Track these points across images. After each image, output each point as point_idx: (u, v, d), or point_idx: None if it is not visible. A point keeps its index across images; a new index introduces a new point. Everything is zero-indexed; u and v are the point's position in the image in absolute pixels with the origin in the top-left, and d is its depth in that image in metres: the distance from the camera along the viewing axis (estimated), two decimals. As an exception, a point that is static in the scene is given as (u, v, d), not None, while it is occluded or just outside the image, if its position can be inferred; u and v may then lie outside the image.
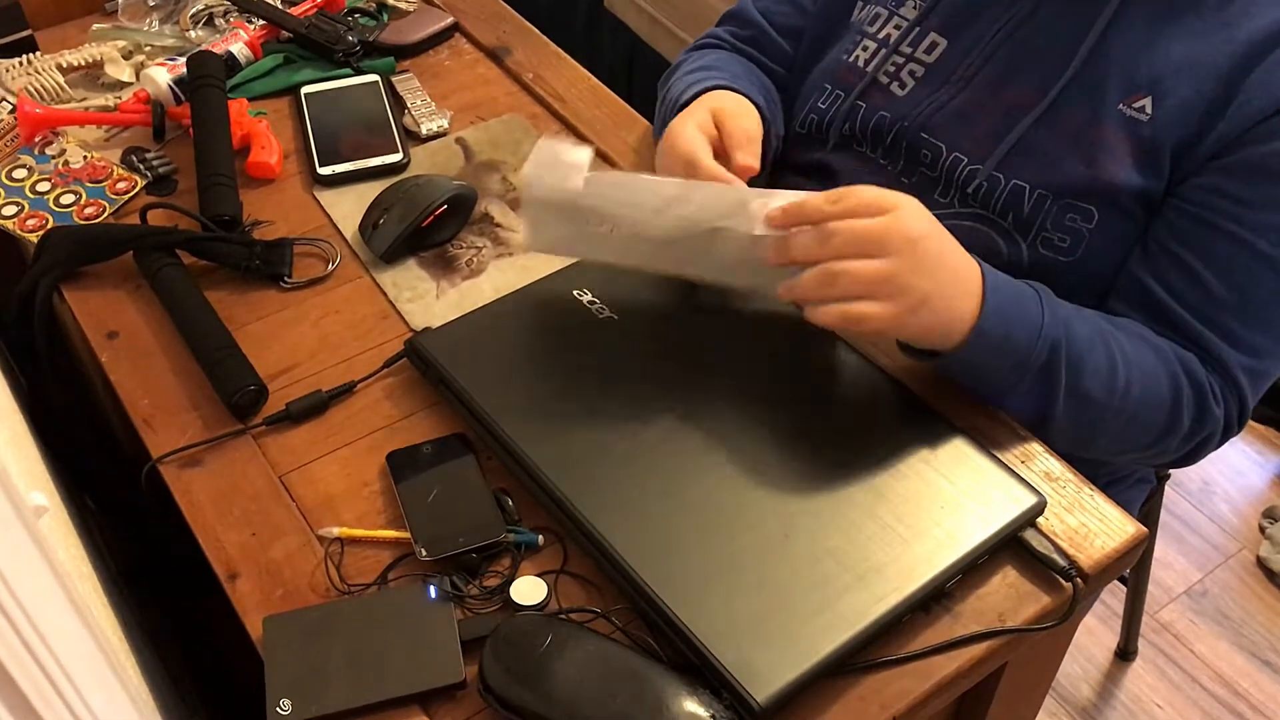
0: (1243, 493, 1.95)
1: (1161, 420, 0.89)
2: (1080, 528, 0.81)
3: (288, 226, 1.07)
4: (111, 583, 1.02)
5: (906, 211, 0.80)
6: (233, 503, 0.84)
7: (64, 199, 1.08)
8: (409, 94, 1.21)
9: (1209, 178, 0.89)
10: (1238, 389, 0.91)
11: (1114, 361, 0.86)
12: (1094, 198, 0.93)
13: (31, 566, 0.52)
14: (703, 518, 0.78)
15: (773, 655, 0.71)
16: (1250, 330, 0.89)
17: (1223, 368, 0.90)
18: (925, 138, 1.01)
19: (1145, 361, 0.88)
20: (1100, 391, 0.85)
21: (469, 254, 1.04)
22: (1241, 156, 0.88)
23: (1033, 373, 0.83)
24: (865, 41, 1.07)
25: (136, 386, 0.93)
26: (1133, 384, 0.86)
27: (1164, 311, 0.90)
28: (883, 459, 0.82)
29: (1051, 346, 0.83)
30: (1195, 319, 0.89)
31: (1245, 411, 0.92)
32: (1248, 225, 0.87)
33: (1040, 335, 0.83)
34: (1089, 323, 0.87)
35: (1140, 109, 0.90)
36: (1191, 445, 0.92)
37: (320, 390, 0.90)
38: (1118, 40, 0.92)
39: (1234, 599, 1.80)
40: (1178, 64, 0.90)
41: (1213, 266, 0.89)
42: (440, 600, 0.76)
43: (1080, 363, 0.84)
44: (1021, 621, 0.76)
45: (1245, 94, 0.87)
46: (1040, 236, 0.95)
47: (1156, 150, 0.90)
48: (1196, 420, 0.90)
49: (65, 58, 1.23)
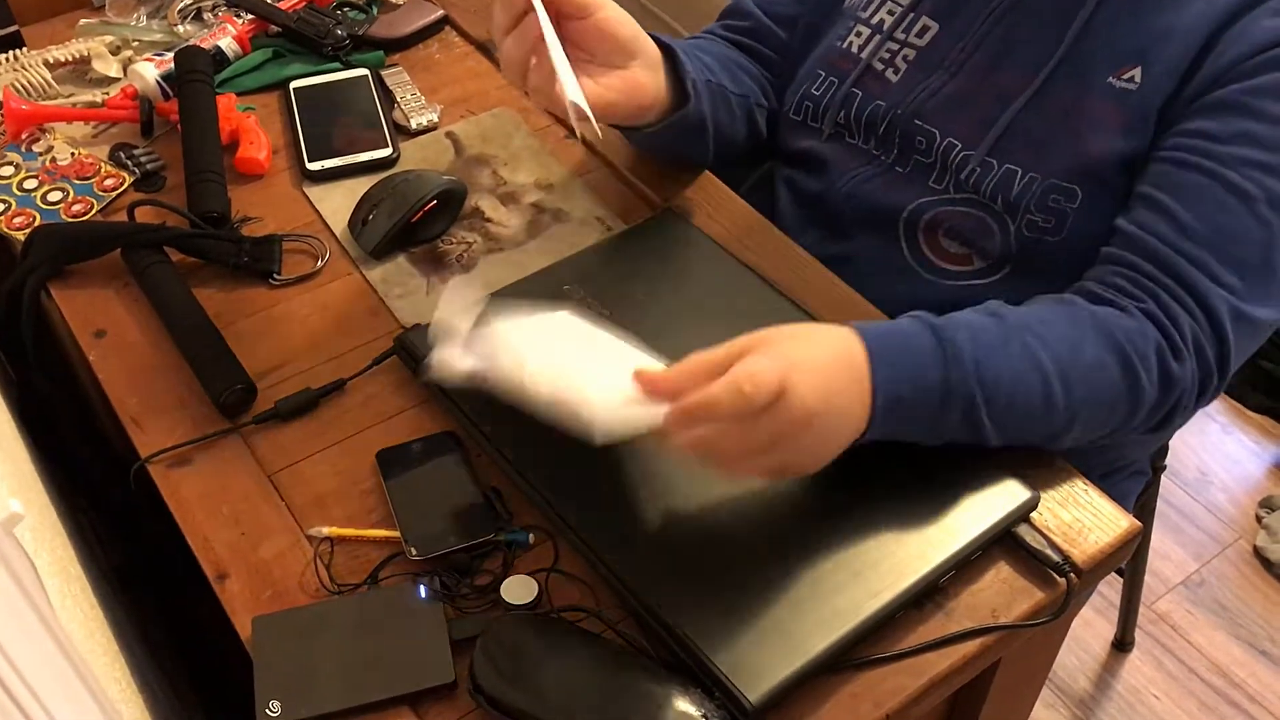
0: (1239, 482, 1.94)
1: (1122, 406, 0.84)
2: (1074, 523, 0.81)
3: (276, 223, 1.06)
4: (104, 582, 1.02)
5: (791, 395, 0.71)
6: (221, 502, 0.83)
7: (51, 196, 1.08)
8: (398, 88, 1.21)
9: (1184, 123, 0.89)
10: (1217, 325, 0.85)
11: (1047, 382, 0.80)
12: (1079, 176, 0.92)
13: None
14: (693, 514, 0.78)
15: (764, 653, 0.70)
16: (1224, 265, 0.86)
17: (1202, 301, 0.85)
18: (919, 124, 1.00)
19: (1075, 346, 0.82)
20: (1039, 413, 0.81)
21: (459, 249, 1.04)
22: (1214, 96, 0.87)
23: (952, 429, 0.79)
24: (859, 27, 1.06)
25: (124, 385, 0.92)
26: (1069, 375, 0.81)
27: (1140, 245, 0.87)
28: (875, 455, 0.81)
29: (964, 408, 0.78)
30: (1174, 252, 0.86)
31: (1227, 352, 0.86)
32: (1217, 158, 0.86)
33: (948, 401, 0.78)
34: (1006, 352, 0.80)
35: (1130, 79, 0.91)
36: (1163, 412, 0.87)
37: (309, 388, 0.90)
38: (1105, 19, 0.93)
39: (1231, 589, 1.80)
40: (1163, 31, 0.90)
41: (1183, 199, 0.87)
42: (430, 600, 0.75)
43: (1005, 401, 0.79)
44: (1015, 617, 0.76)
45: (1221, 45, 0.87)
46: (1025, 219, 0.95)
47: (1145, 114, 0.90)
48: (1162, 384, 0.84)
49: (52, 53, 1.22)
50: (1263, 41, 0.86)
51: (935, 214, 1.00)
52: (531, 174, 1.11)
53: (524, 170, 1.12)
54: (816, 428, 0.73)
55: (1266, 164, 0.86)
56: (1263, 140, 0.86)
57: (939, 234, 1.00)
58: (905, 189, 1.02)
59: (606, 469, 0.80)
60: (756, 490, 0.79)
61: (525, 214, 1.07)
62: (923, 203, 1.00)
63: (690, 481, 0.80)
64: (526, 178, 1.11)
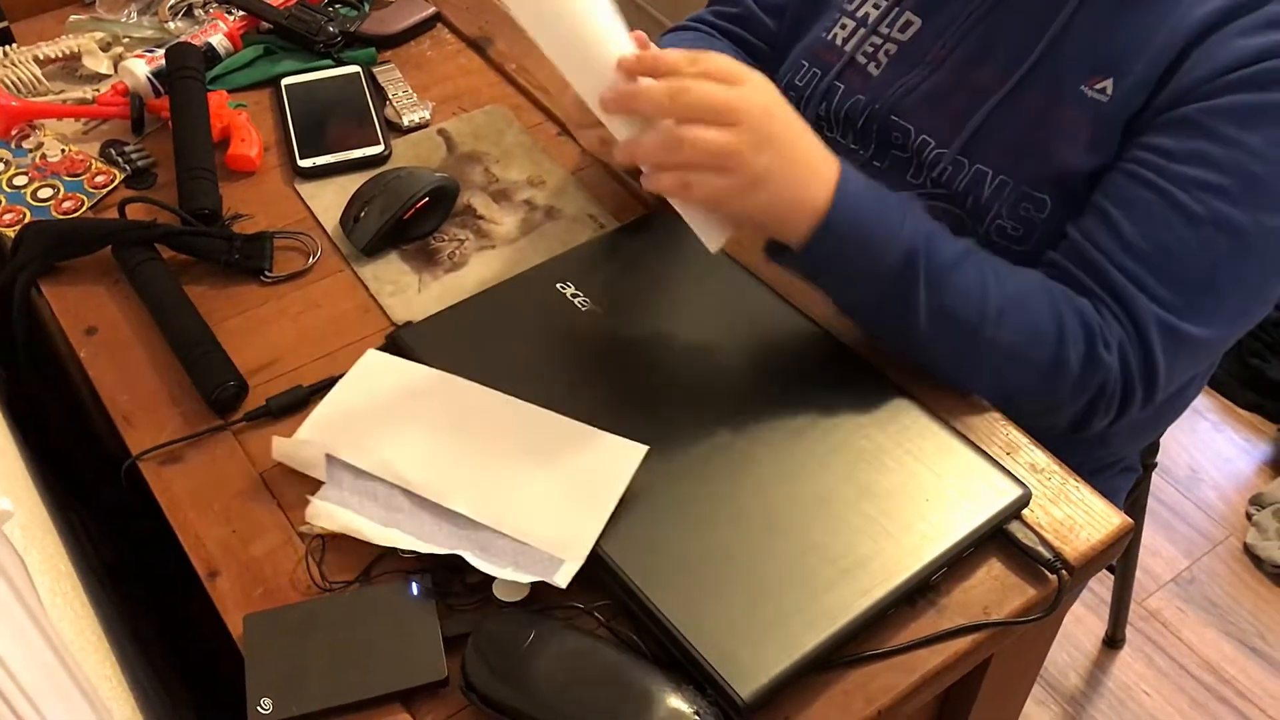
0: (1230, 480, 1.95)
1: (1045, 358, 0.85)
2: (1066, 519, 0.81)
3: (268, 220, 1.06)
4: (94, 579, 1.02)
5: (759, 85, 0.79)
6: (213, 499, 0.83)
7: (41, 193, 1.07)
8: (390, 85, 1.20)
9: (1145, 135, 0.89)
10: (1144, 339, 0.87)
11: (984, 286, 0.84)
12: (1049, 185, 0.92)
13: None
14: (686, 511, 0.78)
15: (757, 650, 0.70)
16: (1161, 282, 0.87)
17: (1132, 315, 0.87)
18: (895, 120, 1.01)
19: (1024, 294, 0.86)
20: (968, 313, 0.83)
21: (451, 247, 1.03)
22: (1176, 113, 0.88)
23: (888, 279, 0.82)
24: (844, 19, 1.07)
25: (116, 382, 0.92)
26: (1007, 313, 0.84)
27: (1079, 253, 0.89)
28: (867, 452, 0.82)
29: (907, 253, 0.81)
30: (1109, 261, 0.87)
31: (1154, 367, 0.87)
32: (1168, 176, 0.87)
33: (896, 240, 0.81)
34: (959, 245, 0.85)
35: (1101, 90, 0.91)
36: (1085, 398, 0.88)
37: (301, 385, 0.90)
38: (1083, 23, 0.93)
39: (1221, 586, 1.80)
40: (1137, 44, 0.90)
41: (1130, 214, 0.88)
42: (422, 597, 0.75)
43: (943, 278, 0.82)
44: (1007, 614, 0.76)
45: (1190, 63, 0.87)
46: (995, 224, 0.95)
47: (1111, 128, 0.90)
48: (1086, 364, 0.86)
49: (42, 50, 1.21)
50: (1227, 62, 0.86)
51: None
52: (524, 171, 1.11)
53: (516, 167, 1.12)
54: (776, 127, 0.78)
55: (1217, 185, 0.86)
56: (1215, 162, 0.86)
57: None
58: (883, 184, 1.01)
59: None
60: (746, 485, 0.79)
61: (518, 211, 1.07)
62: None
63: (682, 478, 0.80)
64: (519, 175, 1.11)
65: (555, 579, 0.74)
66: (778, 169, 0.78)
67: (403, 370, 0.87)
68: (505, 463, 0.81)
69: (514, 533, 0.77)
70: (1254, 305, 0.91)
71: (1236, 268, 0.87)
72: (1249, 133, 0.85)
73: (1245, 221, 0.86)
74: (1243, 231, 0.86)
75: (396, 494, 0.80)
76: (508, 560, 0.76)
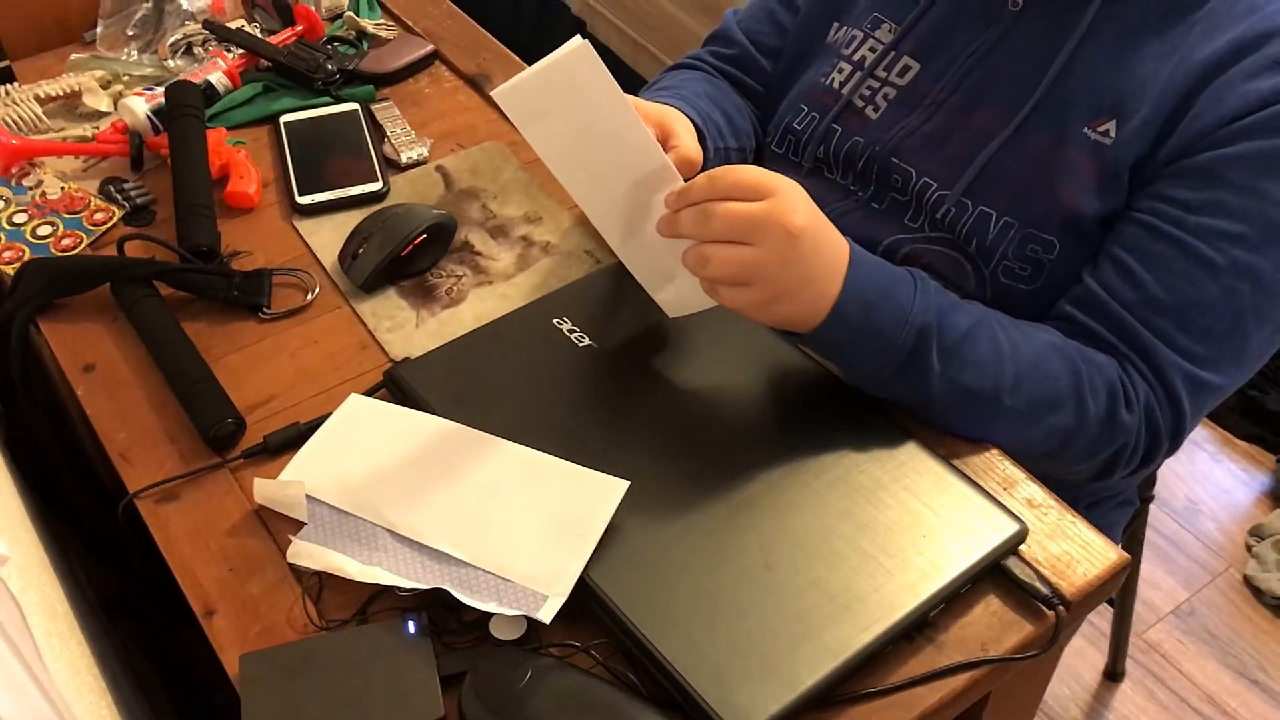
0: (1229, 511, 1.95)
1: (1062, 423, 0.87)
2: (1063, 555, 0.81)
3: (266, 256, 1.06)
4: (92, 617, 1.01)
5: (785, 199, 0.79)
6: (209, 538, 0.83)
7: (41, 230, 1.08)
8: (389, 122, 1.21)
9: (1156, 186, 0.89)
10: (1172, 394, 0.88)
11: (999, 355, 0.85)
12: (1056, 226, 0.93)
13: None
14: (683, 548, 0.78)
15: (755, 689, 0.70)
16: (1187, 335, 0.88)
17: (1158, 370, 0.88)
18: (896, 163, 1.01)
19: (1040, 358, 0.86)
20: (983, 384, 0.84)
21: (449, 283, 1.04)
22: (1187, 164, 0.88)
23: (900, 358, 0.83)
24: (841, 64, 1.07)
25: (113, 420, 0.92)
26: (1023, 379, 0.85)
27: (1101, 308, 0.90)
28: (864, 487, 0.82)
29: (919, 332, 0.82)
30: (1133, 317, 0.88)
31: (1182, 421, 0.89)
32: (1187, 228, 0.87)
33: (907, 321, 0.82)
34: (973, 315, 0.86)
35: (1105, 132, 0.91)
36: (1105, 456, 0.89)
37: (299, 422, 0.90)
38: (1084, 64, 0.93)
39: (1221, 618, 1.80)
40: (1140, 85, 0.90)
41: (1151, 267, 0.88)
42: (419, 635, 0.75)
43: (956, 351, 0.83)
44: (1005, 650, 0.76)
45: (1197, 109, 0.87)
46: (1001, 265, 0.95)
47: (1117, 171, 0.90)
48: (1105, 427, 0.87)
49: (43, 88, 1.22)
50: (1236, 108, 0.86)
51: (911, 250, 1.00)
52: (521, 207, 1.12)
53: (513, 204, 1.12)
54: (802, 243, 0.79)
55: (1235, 234, 0.86)
56: (1232, 211, 0.86)
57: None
58: (881, 225, 1.02)
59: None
60: (743, 522, 0.79)
61: (515, 247, 1.07)
62: (898, 239, 1.01)
63: (679, 514, 0.80)
64: (516, 211, 1.11)
65: (539, 615, 0.74)
66: (799, 281, 0.80)
67: (385, 413, 0.88)
68: (487, 500, 0.81)
69: (495, 569, 0.77)
70: (1274, 345, 0.92)
71: (1259, 313, 0.88)
72: (1265, 180, 0.86)
73: (1266, 268, 0.87)
74: (1265, 278, 0.87)
75: (380, 533, 0.80)
76: (490, 596, 0.76)
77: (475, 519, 0.80)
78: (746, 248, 0.79)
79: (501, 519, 0.80)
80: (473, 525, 0.80)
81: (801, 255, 0.79)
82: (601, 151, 0.84)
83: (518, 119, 0.83)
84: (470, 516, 0.80)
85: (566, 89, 0.80)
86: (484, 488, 0.82)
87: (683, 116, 0.98)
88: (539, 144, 0.85)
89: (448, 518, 0.80)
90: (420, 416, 0.87)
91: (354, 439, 0.87)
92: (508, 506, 0.81)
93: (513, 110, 0.82)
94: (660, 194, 0.84)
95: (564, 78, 0.80)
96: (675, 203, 0.82)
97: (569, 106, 0.81)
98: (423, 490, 0.82)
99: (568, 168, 0.86)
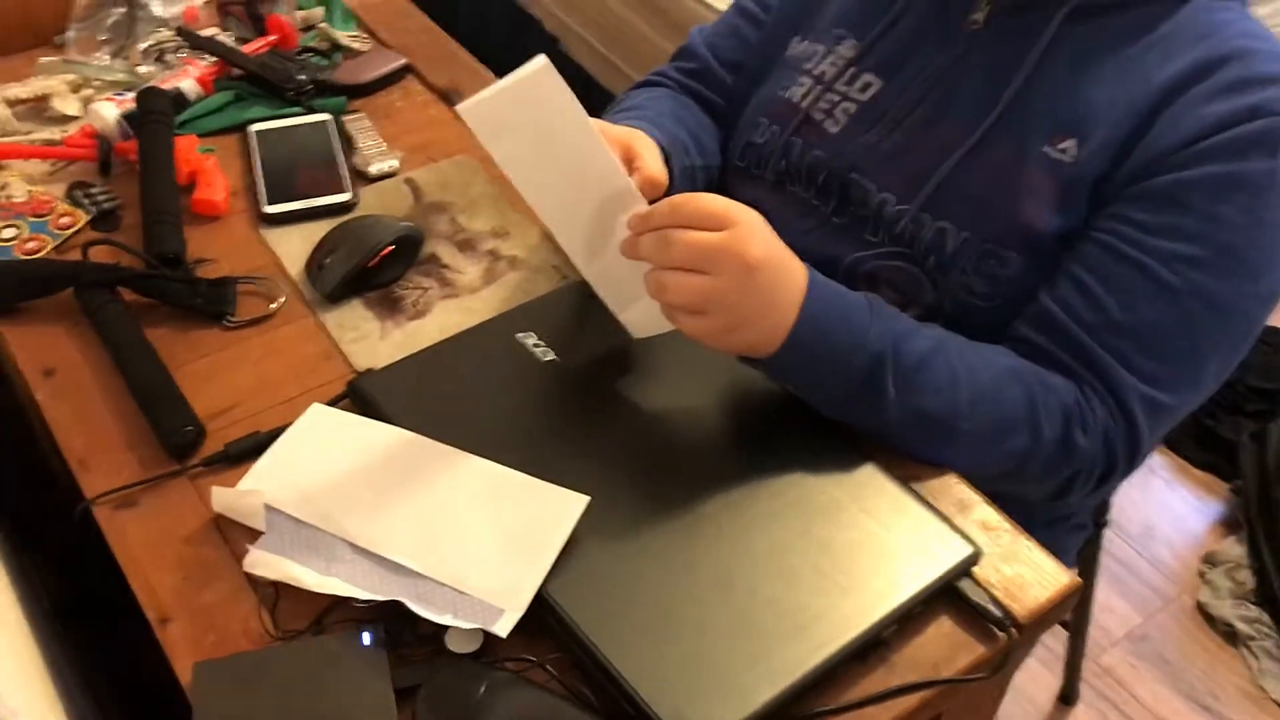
0: (1183, 537, 1.97)
1: (1018, 446, 0.88)
2: (1016, 577, 0.82)
3: (232, 265, 1.06)
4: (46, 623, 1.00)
5: (744, 230, 0.80)
6: (166, 545, 0.83)
7: (5, 233, 1.07)
8: (359, 134, 1.21)
9: (1117, 206, 0.91)
10: (1129, 416, 0.89)
11: (955, 381, 0.86)
12: (1015, 243, 0.94)
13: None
14: (642, 565, 0.78)
15: (709, 705, 0.70)
16: (1145, 357, 0.89)
17: (1115, 392, 0.89)
18: (855, 178, 1.02)
19: (996, 383, 0.88)
20: (939, 409, 0.86)
21: (415, 295, 1.04)
22: (1148, 185, 0.89)
23: (856, 384, 0.84)
24: (802, 78, 1.08)
25: (72, 425, 0.91)
26: (979, 404, 0.86)
27: (1060, 330, 0.91)
28: (821, 508, 0.82)
29: (874, 359, 0.83)
30: (1091, 339, 0.90)
31: (1138, 442, 0.90)
32: (1148, 250, 0.89)
33: (863, 348, 0.83)
34: (930, 340, 0.87)
35: (1064, 150, 0.92)
36: (1061, 478, 0.91)
37: (259, 431, 0.90)
38: (1044, 83, 0.94)
39: (1174, 644, 1.82)
40: (1100, 105, 0.92)
41: (1111, 289, 0.89)
42: (374, 647, 0.75)
43: (912, 377, 0.85)
44: (956, 671, 0.77)
45: (1156, 129, 0.89)
46: (960, 280, 0.96)
47: (1077, 190, 0.92)
48: (1060, 450, 0.89)
49: (12, 91, 1.22)
50: (1194, 131, 0.88)
51: (872, 267, 1.01)
52: (489, 222, 1.12)
53: (482, 218, 1.13)
54: (759, 275, 0.80)
55: (1194, 257, 0.88)
56: (1191, 234, 0.88)
57: (880, 287, 1.02)
58: (842, 241, 1.03)
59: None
60: (701, 540, 0.80)
61: (481, 261, 1.08)
62: (860, 256, 1.02)
63: (637, 530, 0.80)
64: (484, 225, 1.12)
65: (495, 628, 0.74)
66: (756, 311, 0.81)
67: (346, 424, 0.88)
68: (446, 514, 0.81)
69: (452, 582, 0.77)
70: (1229, 368, 0.93)
71: (1216, 336, 0.90)
72: (1221, 204, 0.87)
73: (1222, 290, 0.88)
74: (1220, 301, 0.88)
75: (338, 544, 0.80)
76: (447, 609, 0.76)
77: (434, 531, 0.80)
78: (704, 276, 0.80)
79: (460, 532, 0.80)
80: (431, 537, 0.80)
81: (759, 286, 0.80)
82: (564, 170, 0.84)
83: (482, 135, 0.83)
84: (429, 529, 0.80)
85: (528, 107, 0.81)
86: (444, 500, 0.82)
87: (647, 138, 0.99)
88: (504, 161, 0.85)
89: (407, 529, 0.80)
90: (382, 428, 0.87)
91: (314, 449, 0.87)
92: (467, 519, 0.81)
93: (476, 127, 0.83)
94: (623, 216, 0.84)
95: (526, 96, 0.80)
96: (637, 226, 0.83)
97: (531, 125, 0.82)
98: (382, 501, 0.82)
99: (532, 185, 0.87)
